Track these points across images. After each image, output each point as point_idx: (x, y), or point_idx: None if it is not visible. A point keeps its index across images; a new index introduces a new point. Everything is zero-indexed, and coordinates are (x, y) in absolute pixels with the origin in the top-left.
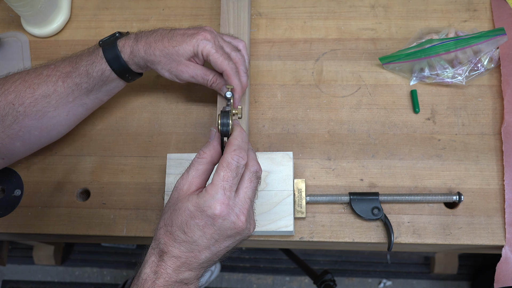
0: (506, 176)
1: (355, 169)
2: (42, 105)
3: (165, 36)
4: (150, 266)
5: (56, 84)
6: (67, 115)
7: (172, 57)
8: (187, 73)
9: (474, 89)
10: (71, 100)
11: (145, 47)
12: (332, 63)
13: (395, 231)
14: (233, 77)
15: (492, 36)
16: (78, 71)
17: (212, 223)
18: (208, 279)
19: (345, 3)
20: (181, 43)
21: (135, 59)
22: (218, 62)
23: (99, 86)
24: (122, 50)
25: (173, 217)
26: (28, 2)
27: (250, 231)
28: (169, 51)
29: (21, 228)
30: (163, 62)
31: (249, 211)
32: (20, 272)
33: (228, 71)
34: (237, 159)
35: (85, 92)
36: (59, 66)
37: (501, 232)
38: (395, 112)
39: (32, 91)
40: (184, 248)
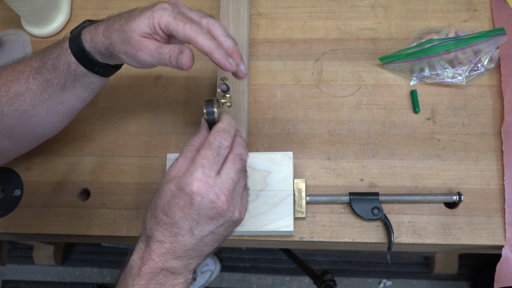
0: (506, 176)
1: (355, 169)
2: (18, 104)
3: (125, 15)
4: (137, 252)
5: (28, 81)
6: (47, 113)
7: (126, 35)
8: (142, 52)
9: (474, 89)
10: (47, 98)
11: (104, 31)
12: (332, 63)
13: (395, 231)
14: (201, 37)
15: (492, 36)
16: (46, 65)
17: (191, 202)
18: (208, 279)
19: (345, 3)
20: (137, 17)
21: (96, 46)
22: (179, 29)
23: (70, 81)
24: (84, 38)
25: (157, 200)
26: (28, 2)
27: (234, 215)
28: (123, 28)
29: (21, 228)
30: (118, 44)
31: (231, 192)
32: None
33: (192, 34)
34: (220, 139)
35: (59, 88)
36: (31, 61)
37: (501, 232)
38: (395, 112)
39: (7, 89)
40: (167, 232)
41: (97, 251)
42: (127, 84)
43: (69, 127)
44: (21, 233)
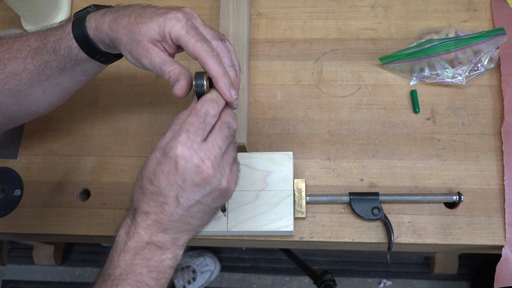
0: (506, 176)
1: (355, 169)
2: (14, 83)
3: (135, 11)
4: (123, 227)
5: (26, 61)
6: (43, 93)
7: (134, 36)
8: (145, 58)
9: (474, 89)
10: (44, 79)
11: (110, 22)
12: (332, 63)
13: (395, 231)
14: (210, 60)
15: (492, 36)
16: (46, 47)
17: (176, 167)
18: (208, 279)
19: (345, 3)
20: (148, 20)
21: (100, 35)
22: (190, 45)
23: (70, 65)
24: (88, 25)
25: (143, 170)
26: (28, 2)
27: (221, 183)
28: (132, 29)
29: (21, 228)
30: (124, 41)
31: (217, 159)
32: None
33: (202, 54)
34: (206, 107)
35: (58, 71)
36: (30, 40)
37: (501, 232)
38: (395, 112)
39: (3, 67)
40: (153, 202)
41: (97, 251)
42: (126, 84)
43: (69, 127)
44: (21, 233)
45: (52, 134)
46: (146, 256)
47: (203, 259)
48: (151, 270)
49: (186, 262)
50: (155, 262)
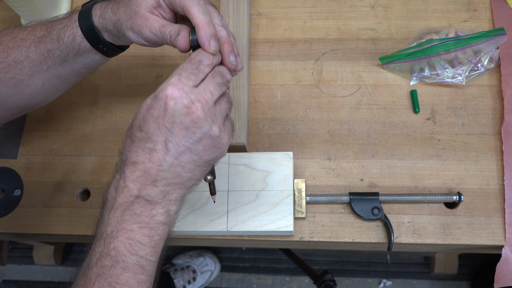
0: (506, 176)
1: (355, 169)
2: (15, 72)
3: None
4: (113, 183)
5: (29, 50)
6: (43, 85)
7: (132, 9)
8: (145, 28)
9: (474, 89)
10: (45, 69)
11: (113, 6)
12: (332, 63)
13: (395, 231)
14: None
15: (492, 36)
16: (51, 35)
17: (165, 109)
18: (208, 279)
19: (345, 3)
20: None
21: (104, 22)
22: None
23: (72, 55)
24: (94, 13)
25: (134, 119)
26: (28, 2)
27: (212, 129)
28: (130, 3)
29: (21, 228)
30: (125, 20)
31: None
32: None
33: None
34: (201, 56)
35: (59, 61)
36: (35, 29)
37: (501, 232)
38: (395, 112)
39: (5, 56)
40: (141, 150)
41: None
42: (126, 84)
43: (69, 127)
44: (21, 233)
45: (52, 134)
46: (135, 212)
47: (203, 259)
48: (142, 226)
49: (186, 262)
50: (146, 217)
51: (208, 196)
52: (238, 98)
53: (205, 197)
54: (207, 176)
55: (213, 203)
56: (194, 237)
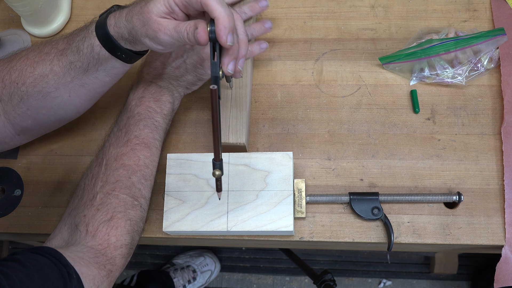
0: (506, 176)
1: (355, 169)
2: (42, 85)
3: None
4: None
5: (52, 63)
6: (70, 96)
7: (144, 16)
8: (160, 32)
9: (474, 89)
10: (70, 80)
11: (126, 14)
12: (332, 63)
13: (395, 231)
14: (213, 1)
15: (492, 36)
16: (71, 47)
17: None
18: (208, 279)
19: (345, 3)
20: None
21: (120, 30)
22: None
23: (93, 64)
24: (108, 23)
25: None
26: (28, 2)
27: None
28: (142, 10)
29: (21, 228)
30: (139, 27)
31: None
32: None
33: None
34: None
35: (82, 71)
36: (58, 43)
37: (501, 232)
38: (395, 112)
39: (32, 70)
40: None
41: None
42: (127, 84)
43: (69, 127)
44: (21, 233)
45: (52, 134)
46: (151, 91)
47: (203, 259)
48: (156, 100)
49: (186, 262)
50: (158, 95)
51: (208, 196)
52: (241, 98)
53: (205, 197)
54: (215, 172)
55: (217, 200)
56: (194, 237)
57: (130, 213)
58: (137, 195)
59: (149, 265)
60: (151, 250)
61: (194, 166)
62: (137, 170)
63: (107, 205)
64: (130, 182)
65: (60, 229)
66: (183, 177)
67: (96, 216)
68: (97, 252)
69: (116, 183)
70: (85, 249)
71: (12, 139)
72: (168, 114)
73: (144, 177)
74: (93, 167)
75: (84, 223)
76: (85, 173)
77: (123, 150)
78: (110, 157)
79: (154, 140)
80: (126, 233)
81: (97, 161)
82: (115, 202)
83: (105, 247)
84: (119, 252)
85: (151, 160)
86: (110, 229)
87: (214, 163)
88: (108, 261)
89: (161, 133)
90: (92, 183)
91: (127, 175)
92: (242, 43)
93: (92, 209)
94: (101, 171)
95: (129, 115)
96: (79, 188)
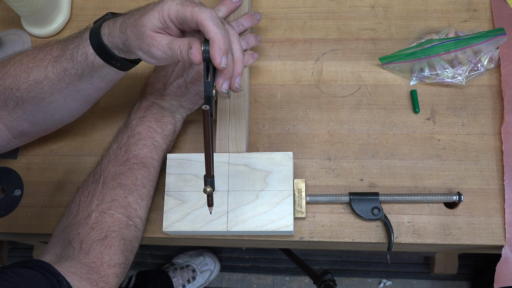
0: (506, 176)
1: (355, 169)
2: (37, 91)
3: (141, 9)
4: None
5: (47, 70)
6: (65, 101)
7: (139, 30)
8: (154, 47)
9: (474, 89)
10: (64, 86)
11: (121, 25)
12: (332, 63)
13: (395, 231)
14: (209, 21)
15: (492, 36)
16: (65, 55)
17: None
18: (208, 278)
19: (345, 3)
20: (149, 11)
21: (114, 40)
22: (188, 13)
23: (88, 72)
24: (102, 32)
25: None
26: (28, 2)
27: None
28: (136, 23)
29: (21, 228)
30: (133, 40)
31: None
32: None
33: (199, 14)
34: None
35: (76, 78)
36: (52, 49)
37: (501, 232)
38: (395, 112)
39: (26, 76)
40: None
41: None
42: (127, 84)
43: (69, 127)
44: (21, 233)
45: (52, 134)
46: (152, 112)
47: (203, 259)
48: (157, 121)
49: (186, 262)
50: (159, 116)
51: None
52: (239, 107)
53: (205, 197)
54: (206, 188)
55: (217, 200)
56: (194, 237)
57: (125, 232)
58: (132, 215)
59: (149, 265)
60: (151, 250)
61: (194, 166)
62: (134, 190)
63: (102, 224)
64: (126, 201)
65: (54, 245)
66: (183, 177)
67: (90, 235)
68: (90, 269)
69: (112, 202)
70: (78, 265)
71: (9, 143)
72: (169, 134)
73: (141, 197)
74: (90, 183)
75: (78, 241)
76: (81, 188)
77: (121, 169)
78: (108, 175)
79: (153, 160)
80: (120, 252)
81: (94, 177)
82: (110, 221)
83: (99, 265)
84: (113, 271)
85: (148, 180)
86: (104, 248)
87: (206, 180)
88: (101, 278)
89: (160, 153)
90: (88, 200)
91: (124, 195)
92: (238, 61)
93: (86, 227)
94: (98, 189)
95: (129, 134)
96: (74, 204)
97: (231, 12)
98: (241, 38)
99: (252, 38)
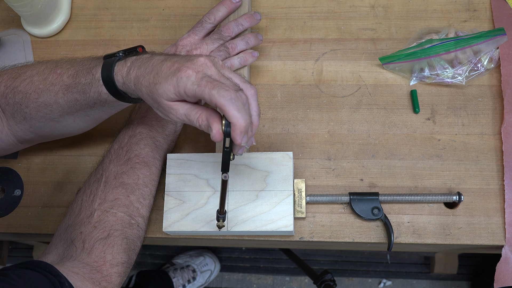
0: (506, 176)
1: (355, 169)
2: (46, 112)
3: (154, 69)
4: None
5: (57, 96)
6: (74, 121)
7: (154, 97)
8: (171, 114)
9: (474, 89)
10: (74, 111)
11: (135, 80)
12: (332, 63)
13: (395, 231)
14: (230, 107)
15: (492, 36)
16: (77, 87)
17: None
18: (208, 278)
19: (345, 3)
20: (163, 81)
21: (129, 90)
22: (206, 95)
23: (100, 104)
24: (117, 79)
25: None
26: (28, 2)
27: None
28: (151, 89)
29: (21, 228)
30: (150, 101)
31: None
32: None
33: (220, 101)
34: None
35: (86, 107)
36: (63, 75)
37: (501, 232)
38: (395, 112)
39: (36, 96)
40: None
41: None
42: None
43: None
44: (21, 233)
45: None
46: (153, 111)
47: (203, 259)
48: (158, 121)
49: (186, 262)
50: (159, 117)
51: (208, 196)
52: None
53: (205, 197)
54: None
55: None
56: (194, 237)
57: (127, 231)
58: (134, 214)
59: (149, 265)
60: (151, 250)
61: (194, 166)
62: (136, 189)
63: (104, 223)
64: (129, 200)
65: (56, 245)
66: (183, 177)
67: (93, 234)
68: (92, 269)
69: (114, 201)
70: (81, 264)
71: (15, 146)
72: (170, 134)
73: (143, 196)
74: (92, 183)
75: (80, 240)
76: (83, 187)
77: (123, 169)
78: (109, 174)
79: (154, 159)
80: (123, 251)
81: (96, 176)
82: (113, 220)
83: (101, 265)
84: (116, 270)
85: (150, 179)
86: (106, 247)
87: (218, 216)
88: (104, 278)
89: (161, 153)
90: (90, 199)
91: (126, 194)
92: (254, 126)
93: (89, 226)
94: (100, 188)
95: (131, 134)
96: (76, 203)
97: (231, 12)
98: (241, 38)
99: (252, 38)
